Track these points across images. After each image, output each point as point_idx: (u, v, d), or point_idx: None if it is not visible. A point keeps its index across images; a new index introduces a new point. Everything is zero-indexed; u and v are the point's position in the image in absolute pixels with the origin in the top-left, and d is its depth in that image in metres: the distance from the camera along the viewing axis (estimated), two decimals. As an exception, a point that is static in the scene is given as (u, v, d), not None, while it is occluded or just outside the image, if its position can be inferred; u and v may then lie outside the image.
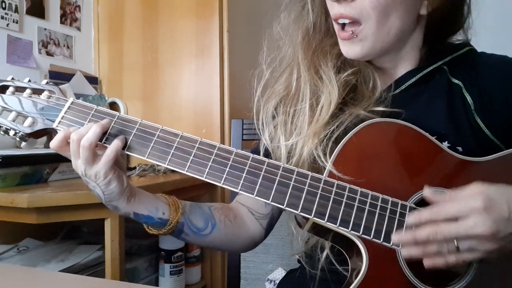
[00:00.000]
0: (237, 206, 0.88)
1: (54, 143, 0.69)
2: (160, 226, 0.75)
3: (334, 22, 0.75)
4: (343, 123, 0.73)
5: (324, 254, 0.74)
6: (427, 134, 0.70)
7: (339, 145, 0.69)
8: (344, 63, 0.79)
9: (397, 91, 0.78)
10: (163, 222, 0.75)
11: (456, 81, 0.78)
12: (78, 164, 0.69)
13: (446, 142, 0.71)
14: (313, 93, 0.77)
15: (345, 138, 0.69)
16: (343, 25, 0.73)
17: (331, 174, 0.67)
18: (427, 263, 0.59)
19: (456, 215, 0.58)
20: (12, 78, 0.75)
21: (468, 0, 0.80)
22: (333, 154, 0.68)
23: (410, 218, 0.61)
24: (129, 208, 0.73)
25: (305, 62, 0.79)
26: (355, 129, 0.69)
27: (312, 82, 0.78)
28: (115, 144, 0.68)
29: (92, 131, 0.67)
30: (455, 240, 0.58)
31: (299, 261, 0.88)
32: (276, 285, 1.00)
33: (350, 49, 0.75)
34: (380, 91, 0.77)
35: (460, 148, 0.71)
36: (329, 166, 0.68)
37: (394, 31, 0.73)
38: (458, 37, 0.84)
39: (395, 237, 0.62)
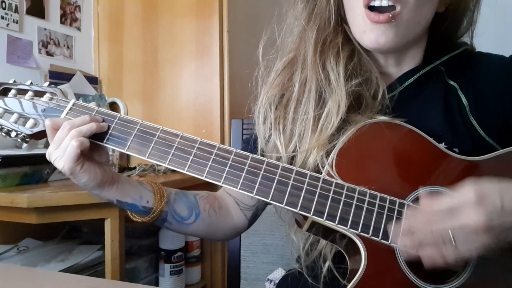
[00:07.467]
0: (223, 195, 0.88)
1: (52, 119, 0.69)
2: (143, 214, 0.75)
3: (362, 7, 0.70)
4: (347, 132, 0.71)
5: (326, 265, 0.74)
6: (424, 134, 0.70)
7: (338, 145, 0.69)
8: (354, 68, 0.76)
9: (396, 91, 0.78)
10: (147, 211, 0.75)
11: (451, 82, 0.78)
12: (52, 152, 0.68)
13: (443, 143, 0.71)
14: (319, 98, 0.75)
15: (343, 138, 0.69)
16: (371, 8, 0.70)
17: (330, 173, 0.67)
18: (426, 262, 0.59)
19: (449, 208, 0.58)
20: (14, 81, 0.76)
21: (476, 6, 0.79)
22: (332, 154, 0.69)
23: (407, 212, 0.63)
24: (111, 195, 0.73)
25: (313, 60, 0.76)
26: (353, 129, 0.69)
27: (319, 85, 0.75)
28: (80, 140, 0.66)
29: (88, 125, 0.67)
30: (450, 233, 0.57)
31: (297, 261, 0.88)
32: (276, 285, 1.00)
33: (383, 35, 0.70)
34: (381, 97, 0.75)
35: (456, 149, 0.71)
36: (327, 166, 0.68)
37: (423, 23, 0.73)
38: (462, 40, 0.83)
39: (390, 226, 0.63)
